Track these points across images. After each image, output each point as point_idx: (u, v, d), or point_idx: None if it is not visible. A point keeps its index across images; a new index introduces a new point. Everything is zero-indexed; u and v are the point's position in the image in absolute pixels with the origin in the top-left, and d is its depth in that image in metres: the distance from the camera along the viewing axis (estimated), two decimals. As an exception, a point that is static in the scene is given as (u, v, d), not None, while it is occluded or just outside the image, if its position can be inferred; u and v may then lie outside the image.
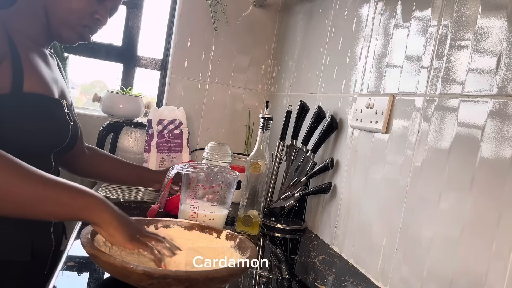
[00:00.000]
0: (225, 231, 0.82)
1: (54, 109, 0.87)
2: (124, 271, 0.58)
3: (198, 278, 0.59)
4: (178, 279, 0.58)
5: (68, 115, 0.92)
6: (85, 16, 0.87)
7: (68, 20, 0.86)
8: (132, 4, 1.76)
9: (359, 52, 1.08)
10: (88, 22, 0.89)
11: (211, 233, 0.82)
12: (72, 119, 0.95)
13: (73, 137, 0.94)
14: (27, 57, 0.83)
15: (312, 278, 0.85)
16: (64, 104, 0.91)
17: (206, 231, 0.83)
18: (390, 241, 0.85)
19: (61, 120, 0.89)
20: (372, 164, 0.95)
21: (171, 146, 1.46)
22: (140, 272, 0.57)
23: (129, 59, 1.78)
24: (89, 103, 1.76)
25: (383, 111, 0.92)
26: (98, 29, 0.93)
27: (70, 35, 0.89)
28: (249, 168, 1.06)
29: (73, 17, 0.86)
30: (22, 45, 0.83)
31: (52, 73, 0.91)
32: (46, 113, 0.85)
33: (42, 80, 0.85)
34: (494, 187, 0.62)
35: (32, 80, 0.82)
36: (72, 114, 0.96)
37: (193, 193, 0.96)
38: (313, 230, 1.19)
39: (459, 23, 0.74)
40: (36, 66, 0.85)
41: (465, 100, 0.70)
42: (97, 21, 0.90)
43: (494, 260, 0.60)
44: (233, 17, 1.71)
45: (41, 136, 0.84)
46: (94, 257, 0.62)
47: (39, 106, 0.83)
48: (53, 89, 0.88)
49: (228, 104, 1.76)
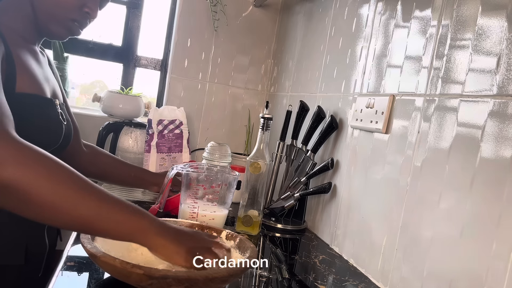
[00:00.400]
0: (225, 231, 0.82)
1: (47, 109, 0.84)
2: (124, 271, 0.58)
3: (198, 278, 0.59)
4: (178, 279, 0.58)
5: (61, 115, 0.89)
6: (73, 9, 0.83)
7: (55, 14, 0.83)
8: (132, 4, 1.76)
9: (359, 52, 1.08)
10: (77, 16, 0.85)
11: (211, 233, 0.82)
12: (65, 119, 0.92)
13: (66, 137, 0.92)
14: (18, 56, 0.80)
15: (312, 278, 0.85)
16: (57, 103, 0.88)
17: (206, 231, 0.83)
18: (390, 241, 0.85)
19: (55, 120, 0.86)
20: (372, 164, 0.95)
21: (171, 146, 1.46)
22: (140, 273, 0.57)
23: (129, 59, 1.78)
24: (89, 103, 1.76)
25: (383, 111, 0.92)
26: (88, 23, 0.89)
27: (59, 30, 0.85)
28: (249, 168, 1.06)
29: (60, 11, 0.83)
30: (13, 42, 0.80)
31: (43, 71, 0.88)
32: (40, 114, 0.82)
33: (35, 80, 0.82)
34: (494, 187, 0.62)
35: (24, 79, 0.79)
36: (65, 113, 0.93)
37: (193, 193, 0.96)
38: (313, 230, 1.19)
39: (459, 23, 0.74)
40: (28, 65, 0.82)
41: (465, 100, 0.70)
42: (87, 15, 0.86)
43: (494, 260, 0.60)
44: (233, 17, 1.71)
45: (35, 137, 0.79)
46: (94, 257, 0.61)
47: (32, 106, 0.80)
48: (45, 88, 0.85)
49: (228, 104, 1.76)
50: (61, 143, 0.89)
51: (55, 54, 1.64)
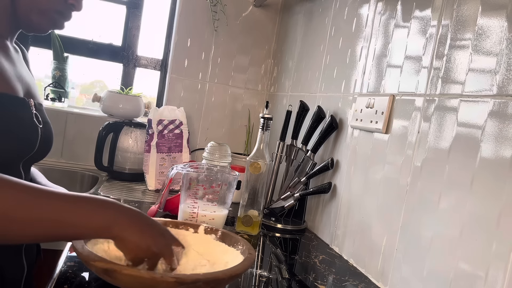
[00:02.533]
0: (202, 226, 0.79)
1: (18, 110, 0.74)
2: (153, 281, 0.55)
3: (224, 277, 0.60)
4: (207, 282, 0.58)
5: (36, 116, 0.79)
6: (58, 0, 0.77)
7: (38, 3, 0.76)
8: (132, 4, 1.76)
9: (359, 52, 1.08)
10: (61, 7, 0.78)
11: (187, 229, 0.79)
12: (42, 121, 0.81)
13: (45, 142, 0.81)
14: None
15: (312, 278, 0.85)
16: (32, 103, 0.78)
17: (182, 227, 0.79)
18: (390, 241, 0.85)
19: (27, 122, 0.76)
20: (372, 164, 0.95)
21: (171, 146, 1.46)
22: (171, 281, 0.55)
23: (129, 59, 1.78)
24: (89, 103, 1.76)
25: (383, 111, 0.92)
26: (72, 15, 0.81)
27: (42, 22, 0.78)
28: (249, 168, 1.06)
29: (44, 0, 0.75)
30: None
31: (15, 69, 0.79)
32: (8, 115, 0.72)
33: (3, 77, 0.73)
34: (494, 187, 0.62)
35: None
36: (43, 115, 0.83)
37: (193, 193, 0.96)
38: (313, 230, 1.19)
39: (459, 23, 0.74)
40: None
41: (465, 100, 0.70)
42: (71, 7, 0.79)
43: (494, 260, 0.60)
44: (233, 17, 1.71)
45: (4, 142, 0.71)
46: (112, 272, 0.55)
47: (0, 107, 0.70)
48: (17, 87, 0.76)
49: (228, 104, 1.76)
50: (37, 149, 0.79)
51: (55, 54, 1.64)
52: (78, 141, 1.62)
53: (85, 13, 0.87)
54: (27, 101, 0.77)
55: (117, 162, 1.49)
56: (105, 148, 1.47)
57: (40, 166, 0.93)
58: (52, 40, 1.62)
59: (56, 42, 1.62)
